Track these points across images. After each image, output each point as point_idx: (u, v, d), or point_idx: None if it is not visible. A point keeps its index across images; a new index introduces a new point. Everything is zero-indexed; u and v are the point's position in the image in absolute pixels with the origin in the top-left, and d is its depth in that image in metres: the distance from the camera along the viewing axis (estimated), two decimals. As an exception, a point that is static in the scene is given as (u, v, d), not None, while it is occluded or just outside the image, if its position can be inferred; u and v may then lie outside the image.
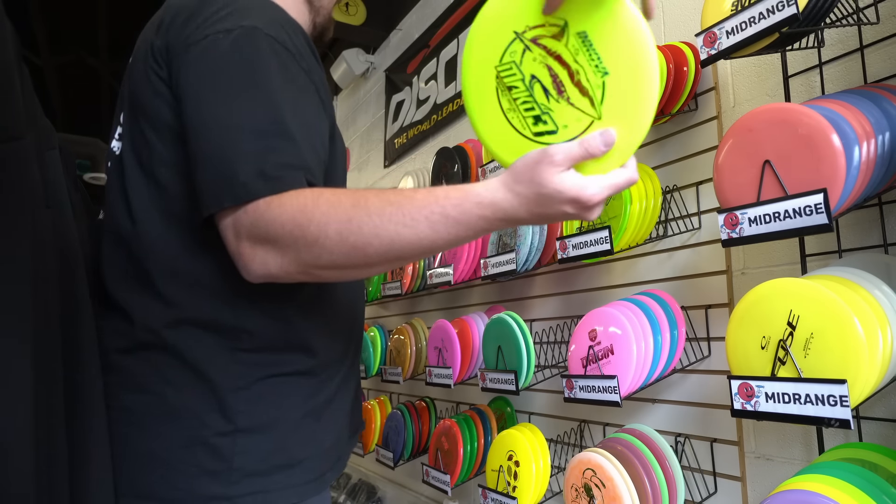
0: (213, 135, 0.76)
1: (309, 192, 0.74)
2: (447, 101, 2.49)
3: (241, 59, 0.78)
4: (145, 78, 0.85)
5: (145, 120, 0.85)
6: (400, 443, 2.10)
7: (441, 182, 2.02)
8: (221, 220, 0.76)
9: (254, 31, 0.79)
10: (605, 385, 1.20)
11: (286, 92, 0.78)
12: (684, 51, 1.30)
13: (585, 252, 1.33)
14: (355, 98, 3.60)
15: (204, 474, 0.80)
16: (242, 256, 0.75)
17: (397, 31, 3.10)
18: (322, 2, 1.02)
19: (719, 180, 1.09)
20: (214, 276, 0.83)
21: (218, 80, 0.77)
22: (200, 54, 0.79)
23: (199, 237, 0.83)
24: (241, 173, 0.73)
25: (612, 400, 1.18)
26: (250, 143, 0.74)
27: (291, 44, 0.82)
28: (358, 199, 0.73)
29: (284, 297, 0.87)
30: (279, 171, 0.74)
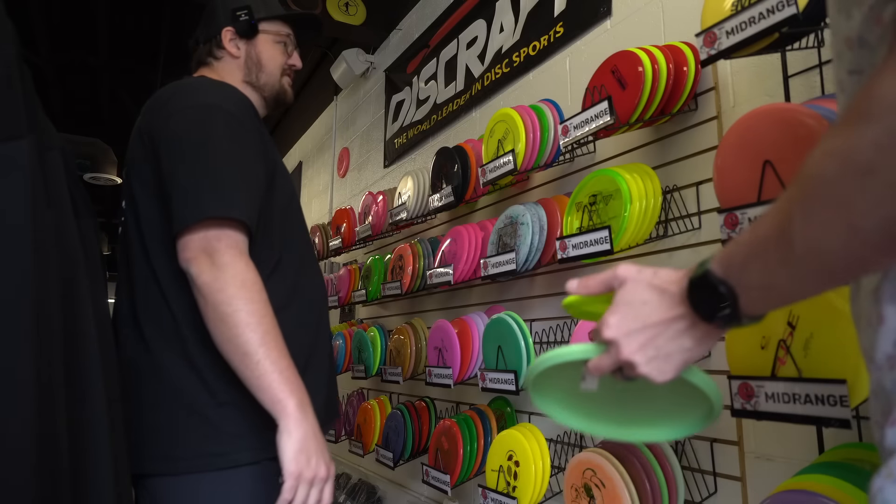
0: (181, 180, 1.08)
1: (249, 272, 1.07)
2: (447, 101, 2.50)
3: (201, 124, 1.12)
4: (137, 152, 1.19)
5: (137, 181, 1.19)
6: (400, 443, 2.10)
7: (441, 182, 2.03)
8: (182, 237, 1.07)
9: (210, 106, 1.14)
10: (605, 385, 1.20)
11: (231, 146, 1.12)
12: (684, 51, 1.30)
13: (585, 252, 1.34)
14: (355, 98, 3.60)
15: (202, 437, 1.07)
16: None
17: (397, 31, 3.10)
18: (261, 83, 1.39)
19: (719, 180, 1.09)
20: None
21: (184, 142, 1.11)
22: (173, 126, 1.13)
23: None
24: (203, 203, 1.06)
25: (612, 400, 1.18)
26: (204, 183, 1.07)
27: (239, 111, 1.17)
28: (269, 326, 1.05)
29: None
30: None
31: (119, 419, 1.04)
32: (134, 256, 1.17)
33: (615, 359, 0.62)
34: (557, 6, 1.88)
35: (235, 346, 1.02)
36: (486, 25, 2.27)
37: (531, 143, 1.62)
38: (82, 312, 0.86)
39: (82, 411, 0.81)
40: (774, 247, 0.48)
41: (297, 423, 1.02)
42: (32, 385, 0.69)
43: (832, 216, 0.42)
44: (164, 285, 1.13)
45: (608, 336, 0.62)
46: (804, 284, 0.49)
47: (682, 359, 0.60)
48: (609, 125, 1.31)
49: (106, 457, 0.83)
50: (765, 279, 0.50)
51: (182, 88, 1.19)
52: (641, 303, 0.61)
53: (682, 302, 0.58)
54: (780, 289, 0.50)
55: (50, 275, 0.77)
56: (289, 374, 1.04)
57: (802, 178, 0.45)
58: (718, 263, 0.54)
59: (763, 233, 0.49)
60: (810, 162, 0.44)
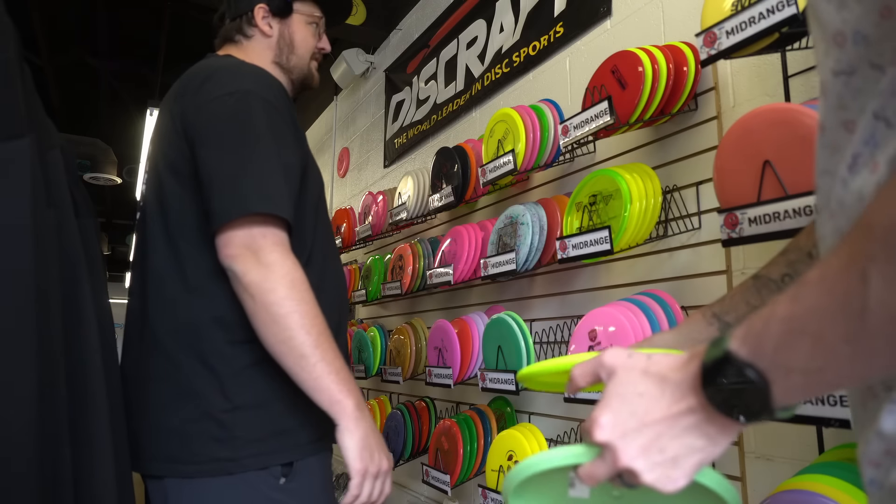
0: (222, 172, 1.06)
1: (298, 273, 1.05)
2: (447, 101, 2.50)
3: (239, 114, 1.09)
4: (167, 136, 1.15)
5: (165, 167, 1.14)
6: (400, 443, 2.10)
7: (441, 182, 2.03)
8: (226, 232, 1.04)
9: (247, 93, 1.10)
10: (605, 385, 1.20)
11: (271, 138, 1.09)
12: (684, 51, 1.30)
13: (585, 252, 1.34)
14: (355, 98, 3.60)
15: (213, 441, 1.05)
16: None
17: (397, 31, 3.10)
18: (291, 65, 1.35)
19: (719, 180, 1.09)
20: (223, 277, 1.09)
21: (224, 134, 1.08)
22: (210, 113, 1.09)
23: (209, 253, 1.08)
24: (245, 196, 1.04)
25: (612, 400, 1.18)
26: (245, 177, 1.05)
27: (275, 98, 1.14)
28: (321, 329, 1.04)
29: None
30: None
31: (121, 418, 1.04)
32: (153, 249, 1.13)
33: (612, 466, 0.51)
34: (557, 6, 1.88)
35: (290, 349, 1.01)
36: (486, 25, 2.27)
37: (531, 143, 1.62)
38: (83, 312, 0.86)
39: (83, 411, 0.81)
40: (833, 320, 0.38)
41: (357, 422, 1.03)
42: (34, 385, 0.69)
43: None
44: (191, 281, 1.10)
45: (601, 439, 0.51)
46: (870, 365, 0.39)
47: (694, 461, 0.50)
48: (609, 125, 1.31)
49: (107, 456, 0.83)
50: (815, 360, 0.40)
51: (217, 72, 1.15)
52: (637, 395, 0.51)
53: (692, 392, 0.48)
54: (836, 371, 0.40)
55: (50, 274, 0.77)
56: (344, 375, 1.04)
57: (881, 229, 0.35)
58: (742, 343, 0.45)
59: (814, 302, 0.40)
60: (891, 208, 0.35)
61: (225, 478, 1.04)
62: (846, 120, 0.45)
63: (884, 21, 0.40)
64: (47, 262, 0.77)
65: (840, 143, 0.46)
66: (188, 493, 1.06)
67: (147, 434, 1.08)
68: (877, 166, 0.42)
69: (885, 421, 0.42)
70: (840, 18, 0.44)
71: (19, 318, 0.69)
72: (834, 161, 0.46)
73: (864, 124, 0.43)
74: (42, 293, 0.74)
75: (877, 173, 0.42)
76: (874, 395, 0.44)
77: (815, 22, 0.48)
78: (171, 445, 1.07)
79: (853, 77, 0.44)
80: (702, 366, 0.47)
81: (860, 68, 0.43)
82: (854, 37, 0.43)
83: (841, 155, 0.45)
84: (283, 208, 1.05)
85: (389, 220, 2.35)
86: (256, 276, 1.01)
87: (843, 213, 0.45)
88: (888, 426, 0.42)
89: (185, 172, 1.11)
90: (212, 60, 1.22)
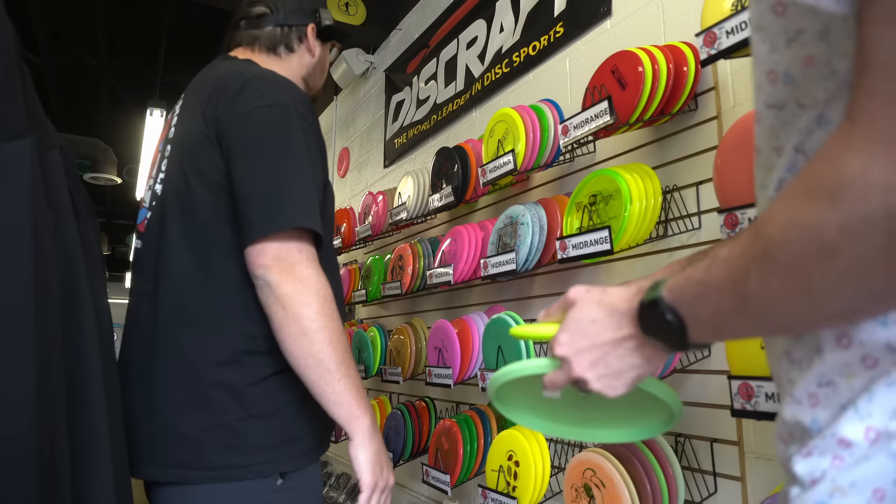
0: (261, 183, 1.06)
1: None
2: (447, 101, 2.50)
3: (283, 128, 1.10)
4: (197, 139, 1.13)
5: (193, 171, 1.12)
6: (400, 443, 2.10)
7: (441, 182, 2.03)
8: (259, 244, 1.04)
9: (287, 107, 1.11)
10: (605, 385, 1.20)
11: (308, 156, 1.10)
12: (684, 51, 1.30)
13: (585, 252, 1.34)
14: (355, 98, 3.60)
15: (227, 449, 1.06)
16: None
17: (397, 31, 3.10)
18: (312, 85, 1.41)
19: (719, 180, 1.09)
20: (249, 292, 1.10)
21: (264, 143, 1.08)
22: (250, 123, 1.09)
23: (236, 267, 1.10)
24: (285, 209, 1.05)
25: (612, 400, 1.18)
26: (286, 191, 1.06)
27: (309, 115, 1.15)
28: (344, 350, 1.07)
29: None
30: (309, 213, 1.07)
31: (119, 420, 1.04)
32: (172, 253, 1.12)
33: (567, 375, 0.64)
34: (557, 6, 1.88)
35: (318, 362, 1.03)
36: (486, 25, 2.27)
37: (531, 143, 1.62)
38: (82, 312, 0.86)
39: (81, 412, 0.81)
40: (728, 295, 0.49)
41: (371, 439, 1.08)
42: (32, 385, 0.69)
43: (791, 284, 0.43)
44: (215, 289, 1.10)
45: (559, 353, 0.64)
46: (756, 330, 0.51)
47: (633, 375, 0.62)
48: (609, 125, 1.31)
49: (105, 457, 0.83)
50: (716, 319, 0.51)
51: (254, 80, 1.14)
52: (590, 321, 0.62)
53: (632, 322, 0.60)
54: (731, 328, 0.52)
55: (50, 275, 0.77)
56: (362, 393, 1.08)
57: (764, 238, 0.45)
58: (670, 291, 0.55)
59: (718, 278, 0.50)
60: (772, 223, 0.44)
61: (233, 483, 1.06)
62: (776, 146, 0.52)
63: (807, 69, 0.47)
64: (47, 262, 0.77)
65: (772, 164, 0.53)
66: (196, 499, 1.07)
67: (157, 439, 1.08)
68: None
69: (786, 410, 0.51)
70: (772, 59, 0.50)
71: (18, 319, 0.69)
72: (768, 179, 0.54)
73: (787, 153, 0.50)
74: (41, 293, 0.74)
75: None
76: (782, 386, 0.54)
77: (754, 58, 0.54)
78: (183, 452, 1.06)
79: (782, 111, 0.51)
80: (640, 303, 0.59)
81: (788, 105, 0.50)
82: (784, 77, 0.50)
83: (772, 175, 0.53)
84: (318, 224, 1.07)
85: (389, 220, 2.35)
86: (291, 289, 1.02)
87: None
88: (787, 414, 0.51)
89: (216, 180, 1.10)
90: (241, 66, 1.21)
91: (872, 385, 0.45)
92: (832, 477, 0.46)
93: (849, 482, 0.45)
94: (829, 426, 0.47)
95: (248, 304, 1.08)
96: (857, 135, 0.39)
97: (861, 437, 0.45)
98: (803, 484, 0.47)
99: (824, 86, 0.46)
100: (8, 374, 0.67)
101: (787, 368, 0.52)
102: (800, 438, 0.49)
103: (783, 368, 0.53)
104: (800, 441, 0.49)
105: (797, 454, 0.48)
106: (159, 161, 1.22)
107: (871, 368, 0.46)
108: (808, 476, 0.47)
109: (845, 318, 0.44)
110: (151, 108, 4.58)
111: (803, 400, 0.49)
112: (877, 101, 0.38)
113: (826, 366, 0.48)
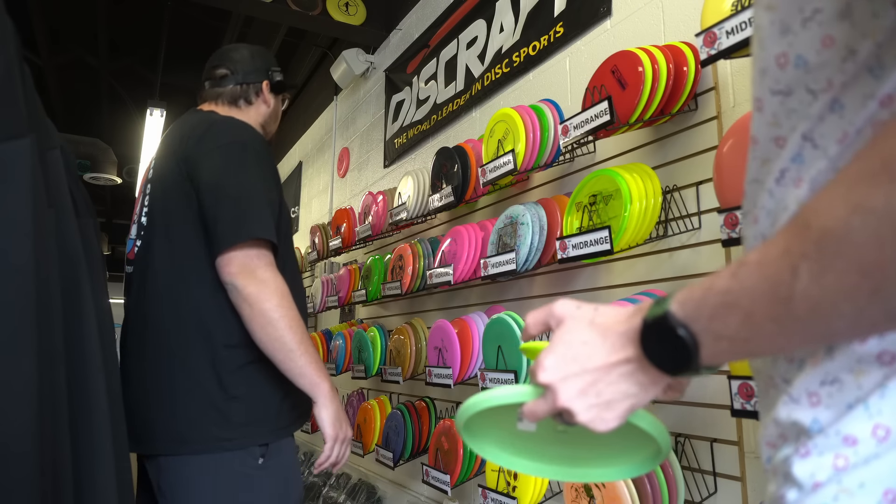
0: (225, 206, 1.30)
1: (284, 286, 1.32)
2: (447, 101, 2.50)
3: (240, 160, 1.34)
4: (172, 177, 1.38)
5: (171, 203, 1.37)
6: (400, 443, 2.10)
7: (441, 182, 2.03)
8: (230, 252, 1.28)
9: (245, 144, 1.37)
10: (605, 385, 1.19)
11: (263, 181, 1.35)
12: (684, 51, 1.30)
13: (585, 252, 1.34)
14: (355, 98, 3.60)
15: (213, 424, 1.29)
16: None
17: (397, 31, 3.10)
18: (267, 130, 1.67)
19: (719, 180, 1.09)
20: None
21: (227, 174, 1.33)
22: (215, 159, 1.34)
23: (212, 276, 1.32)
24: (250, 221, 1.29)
25: (612, 400, 1.18)
26: (246, 210, 1.30)
27: (263, 150, 1.40)
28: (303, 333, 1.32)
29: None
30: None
31: (120, 417, 1.04)
32: (160, 270, 1.36)
33: (552, 405, 0.56)
34: (557, 6, 1.88)
35: (282, 344, 1.28)
36: (486, 25, 2.27)
37: (531, 143, 1.62)
38: (83, 311, 0.86)
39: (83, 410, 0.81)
40: (764, 302, 0.43)
41: (331, 400, 1.34)
42: (34, 384, 0.69)
43: (855, 282, 0.38)
44: (196, 298, 1.33)
45: (543, 380, 0.56)
46: (790, 342, 0.44)
47: (626, 406, 0.55)
48: (609, 125, 1.31)
49: (108, 455, 0.83)
50: (743, 332, 0.45)
51: (216, 125, 1.41)
52: (581, 343, 0.55)
53: (631, 344, 0.53)
54: (759, 343, 0.45)
55: (51, 274, 0.77)
56: (320, 364, 1.34)
57: (818, 231, 0.39)
58: (681, 305, 0.49)
59: (750, 284, 0.44)
60: (829, 213, 0.39)
61: (220, 454, 1.29)
62: (777, 136, 0.49)
63: (824, 49, 0.44)
64: (47, 262, 0.77)
65: (770, 156, 0.50)
66: (187, 467, 1.29)
67: (160, 421, 1.31)
68: (801, 182, 0.46)
69: (780, 410, 0.47)
70: (785, 41, 0.47)
71: (19, 318, 0.69)
72: (763, 172, 0.51)
73: (793, 143, 0.47)
74: (42, 293, 0.74)
75: (800, 188, 0.46)
76: (774, 386, 0.50)
77: (757, 42, 0.51)
78: (179, 429, 1.30)
79: (789, 98, 0.47)
80: (643, 321, 0.52)
81: (797, 91, 0.47)
82: (796, 60, 0.46)
83: (770, 167, 0.49)
84: (273, 234, 1.31)
85: (389, 220, 2.35)
86: (254, 289, 1.26)
87: (768, 219, 0.50)
88: (782, 414, 0.47)
89: (189, 208, 1.34)
90: (204, 115, 1.49)
91: (887, 381, 0.42)
92: (838, 478, 0.42)
93: (857, 483, 0.42)
94: (832, 425, 0.44)
95: (223, 306, 1.31)
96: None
97: (868, 433, 0.42)
98: (802, 486, 0.44)
99: (842, 68, 0.43)
100: (9, 374, 0.67)
101: (783, 368, 0.49)
102: (795, 439, 0.46)
103: (778, 368, 0.50)
104: (795, 442, 0.46)
105: (794, 455, 0.45)
106: (143, 199, 1.47)
107: (887, 365, 0.42)
108: (810, 478, 0.44)
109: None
110: (151, 108, 4.58)
111: (801, 399, 0.46)
112: None
113: (835, 363, 0.44)
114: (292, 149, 4.99)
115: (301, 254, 3.79)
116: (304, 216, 4.45)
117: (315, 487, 3.11)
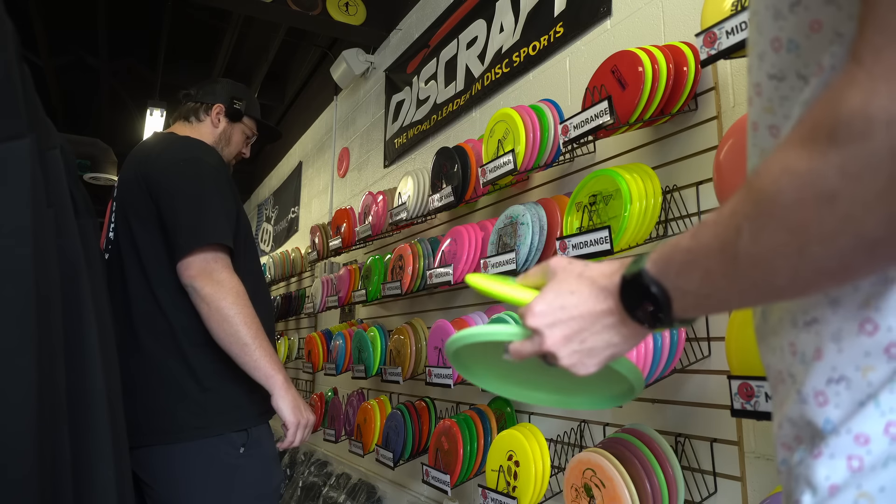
0: (181, 216, 1.42)
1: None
2: (447, 101, 2.50)
3: (194, 174, 1.47)
4: (135, 193, 1.50)
5: (134, 217, 1.49)
6: (400, 443, 2.10)
7: (441, 182, 2.03)
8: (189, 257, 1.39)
9: (199, 159, 1.51)
10: (605, 385, 1.19)
11: (217, 191, 1.47)
12: (684, 51, 1.30)
13: (585, 252, 1.33)
14: (355, 98, 3.60)
15: (191, 415, 1.41)
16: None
17: (397, 31, 3.10)
18: (224, 154, 1.75)
19: (719, 180, 1.09)
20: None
21: (184, 186, 1.45)
22: (172, 174, 1.47)
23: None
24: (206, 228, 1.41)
25: (612, 400, 1.18)
26: (203, 218, 1.42)
27: (217, 163, 1.54)
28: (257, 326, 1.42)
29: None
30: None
31: (120, 417, 1.04)
32: (130, 278, 1.47)
33: (537, 348, 0.60)
34: (557, 6, 1.88)
35: (236, 339, 1.38)
36: (486, 25, 2.27)
37: (531, 143, 1.62)
38: (83, 311, 0.86)
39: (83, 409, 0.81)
40: (717, 258, 0.46)
41: (287, 390, 1.43)
42: (34, 383, 0.69)
43: (785, 240, 0.40)
44: (162, 301, 1.44)
45: (532, 324, 0.59)
46: (744, 297, 0.47)
47: (607, 354, 0.59)
48: (609, 125, 1.31)
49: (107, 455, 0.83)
50: (703, 288, 0.48)
51: (173, 144, 1.56)
52: (569, 293, 0.58)
53: (613, 297, 0.56)
54: (719, 298, 0.48)
55: (50, 274, 0.77)
56: (275, 357, 1.44)
57: (755, 192, 0.42)
58: (654, 263, 0.52)
59: (705, 242, 0.47)
60: (765, 176, 0.41)
61: (199, 441, 1.39)
62: (771, 124, 0.50)
63: (812, 34, 0.45)
64: (47, 262, 0.77)
65: (766, 147, 0.51)
66: (170, 456, 1.39)
67: (141, 414, 1.40)
68: None
69: (792, 409, 0.48)
70: (777, 26, 0.48)
71: (19, 318, 0.69)
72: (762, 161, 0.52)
73: (786, 131, 0.48)
74: (42, 293, 0.74)
75: None
76: (782, 381, 0.50)
77: (755, 26, 0.52)
78: (162, 420, 1.41)
79: (782, 83, 0.48)
80: (622, 277, 0.55)
81: (789, 76, 0.48)
82: (788, 44, 0.47)
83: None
84: (228, 239, 1.42)
85: (389, 220, 2.35)
86: (211, 290, 1.37)
87: None
88: (794, 414, 0.47)
89: (151, 221, 1.46)
90: (164, 136, 1.63)
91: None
92: (857, 482, 0.42)
93: (877, 487, 0.41)
94: (843, 423, 0.43)
95: (187, 307, 1.41)
96: (860, 73, 0.36)
97: (880, 432, 0.41)
98: (818, 490, 0.43)
99: (830, 51, 0.44)
100: (9, 374, 0.67)
101: (789, 361, 0.49)
102: (810, 440, 0.46)
103: (785, 362, 0.49)
104: (810, 443, 0.45)
105: (809, 457, 0.45)
106: (111, 216, 1.59)
107: (895, 359, 0.42)
108: (825, 480, 0.43)
109: (837, 276, 0.41)
110: (151, 108, 4.58)
111: (809, 399, 0.46)
112: (885, 36, 0.35)
113: (841, 356, 0.44)
114: (292, 149, 4.99)
115: (301, 254, 3.78)
116: (304, 216, 4.45)
117: (315, 487, 3.11)
